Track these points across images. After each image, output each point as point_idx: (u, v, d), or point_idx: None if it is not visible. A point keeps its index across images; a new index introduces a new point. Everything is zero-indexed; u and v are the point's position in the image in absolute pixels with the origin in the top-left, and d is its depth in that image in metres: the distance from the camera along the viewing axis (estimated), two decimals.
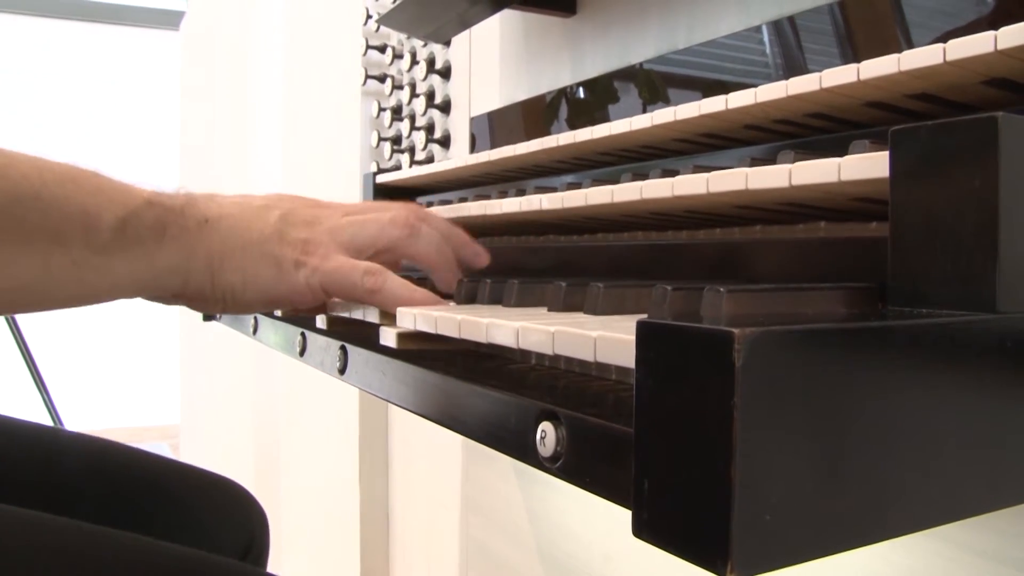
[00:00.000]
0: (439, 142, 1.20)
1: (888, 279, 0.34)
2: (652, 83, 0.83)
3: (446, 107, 1.20)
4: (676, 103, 0.62)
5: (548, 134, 0.82)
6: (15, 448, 0.88)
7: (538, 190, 0.70)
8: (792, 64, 0.67)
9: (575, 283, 0.47)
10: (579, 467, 0.32)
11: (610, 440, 0.30)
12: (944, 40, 0.42)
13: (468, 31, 1.10)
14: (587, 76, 0.92)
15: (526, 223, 0.71)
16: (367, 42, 1.33)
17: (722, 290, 0.33)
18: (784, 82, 0.51)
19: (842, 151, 0.42)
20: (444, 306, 0.53)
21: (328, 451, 1.74)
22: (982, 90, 0.46)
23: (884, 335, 0.28)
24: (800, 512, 0.26)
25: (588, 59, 0.93)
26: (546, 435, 0.33)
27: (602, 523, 0.98)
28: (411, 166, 1.23)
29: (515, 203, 0.65)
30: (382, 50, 1.31)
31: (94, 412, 3.87)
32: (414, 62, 1.25)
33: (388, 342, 0.50)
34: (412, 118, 1.26)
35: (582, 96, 0.93)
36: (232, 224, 0.52)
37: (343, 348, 0.55)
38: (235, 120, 2.42)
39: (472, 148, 1.13)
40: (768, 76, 0.69)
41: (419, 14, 1.00)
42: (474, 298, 0.55)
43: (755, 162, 0.48)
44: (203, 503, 0.93)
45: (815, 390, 0.26)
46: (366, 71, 1.33)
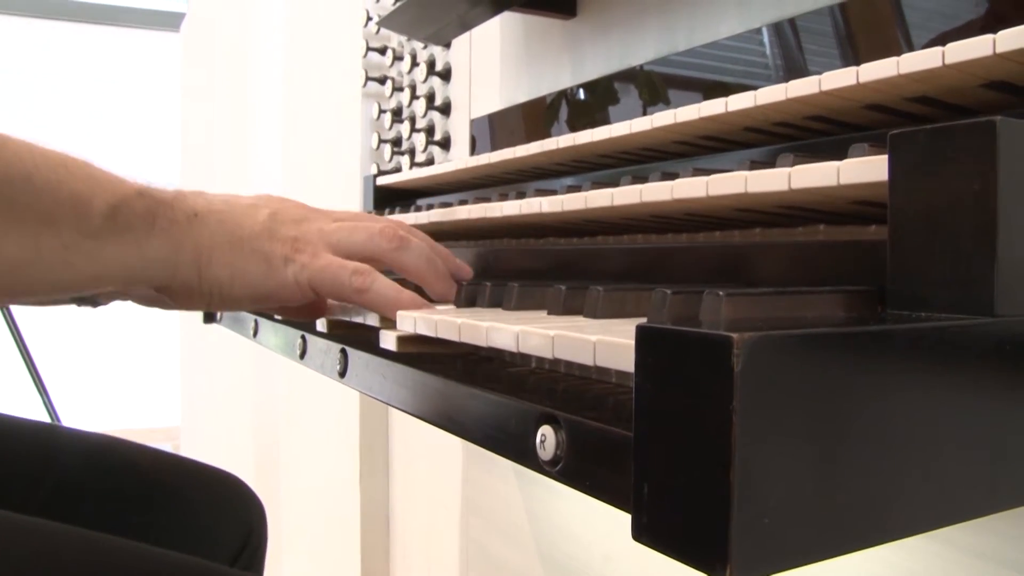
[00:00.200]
0: (439, 144, 1.21)
1: (887, 282, 0.34)
2: (652, 85, 0.83)
3: (446, 109, 1.21)
4: (676, 105, 0.62)
5: (548, 136, 0.82)
6: (14, 444, 0.89)
7: (538, 192, 0.70)
8: (792, 66, 0.68)
9: (575, 287, 0.47)
10: (579, 471, 0.32)
11: (610, 444, 0.30)
12: (944, 43, 0.42)
13: (468, 33, 1.10)
14: (587, 78, 0.92)
15: (526, 226, 0.71)
16: (367, 44, 1.33)
17: (721, 294, 0.33)
18: (783, 85, 0.52)
19: (842, 154, 0.42)
20: (444, 309, 0.53)
21: (328, 453, 1.74)
22: (981, 93, 0.46)
23: (883, 339, 0.28)
24: (799, 515, 0.26)
25: (588, 61, 0.93)
26: (546, 439, 0.33)
27: (602, 524, 0.98)
28: (411, 168, 1.23)
29: (515, 206, 0.65)
30: (382, 52, 1.31)
31: (95, 414, 3.87)
32: (414, 64, 1.25)
33: (388, 345, 0.50)
34: (412, 120, 1.26)
35: (582, 98, 0.93)
36: (221, 219, 0.52)
37: (343, 351, 0.56)
38: (235, 122, 2.42)
39: (472, 150, 1.13)
40: (768, 78, 0.69)
41: (420, 16, 1.00)
42: (474, 301, 0.56)
43: (755, 165, 0.48)
44: (201, 496, 0.93)
45: (814, 394, 0.26)
46: (366, 73, 1.34)
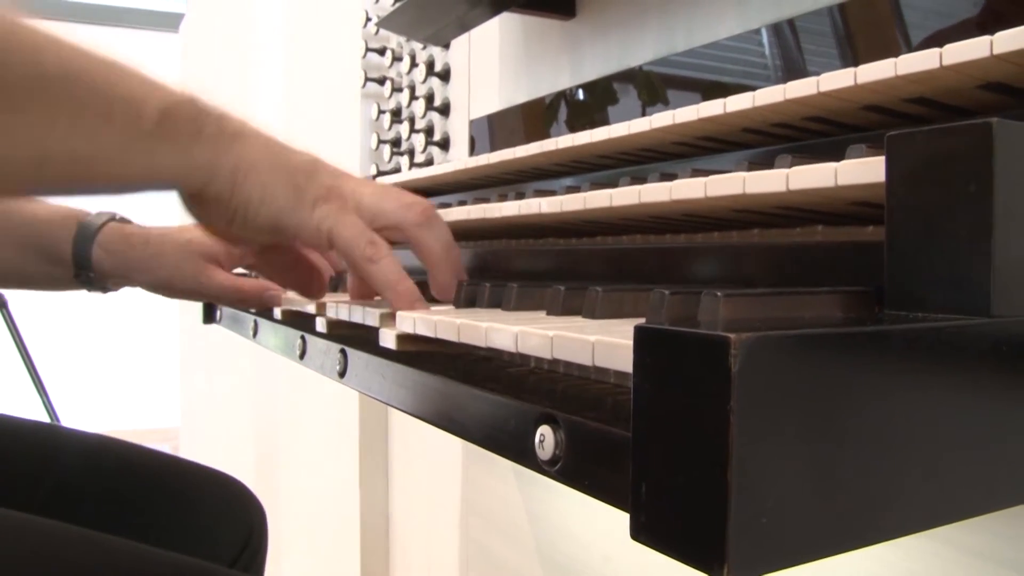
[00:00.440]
0: (438, 144, 1.21)
1: (884, 283, 0.34)
2: (651, 86, 0.83)
3: (445, 109, 1.21)
4: (675, 106, 0.62)
5: (547, 137, 0.82)
6: (15, 444, 0.89)
7: (537, 193, 0.71)
8: (791, 67, 0.68)
9: (574, 287, 0.47)
10: (578, 470, 0.32)
11: (608, 444, 0.30)
12: (943, 43, 0.43)
13: (468, 34, 1.10)
14: (586, 79, 0.92)
15: (525, 226, 0.72)
16: (367, 44, 1.33)
17: (719, 294, 0.33)
18: (782, 86, 0.52)
19: (839, 155, 0.42)
20: (443, 310, 0.53)
21: (328, 454, 1.74)
22: (979, 94, 0.46)
23: (879, 339, 0.28)
24: (796, 515, 0.26)
25: (587, 62, 0.93)
26: (545, 439, 0.33)
27: (601, 524, 0.98)
28: (410, 168, 1.23)
29: (514, 207, 0.65)
30: (381, 52, 1.32)
31: (94, 415, 3.87)
32: (413, 64, 1.25)
33: (387, 343, 0.51)
34: (411, 120, 1.26)
35: (581, 99, 0.94)
36: (267, 144, 0.53)
37: (343, 351, 0.56)
38: None
39: (471, 151, 1.13)
40: (767, 79, 0.69)
41: (419, 17, 1.00)
42: (474, 301, 0.56)
43: (753, 166, 0.49)
44: (201, 498, 0.93)
45: (811, 394, 0.26)
46: (365, 73, 1.34)
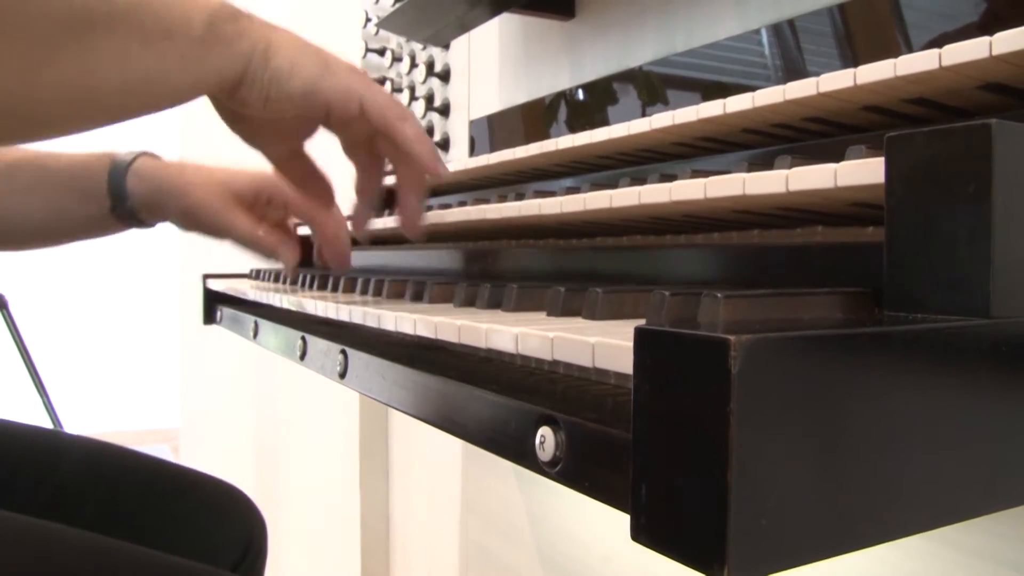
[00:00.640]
0: (439, 145, 1.21)
1: (884, 284, 0.35)
2: (651, 86, 0.83)
3: (445, 110, 1.21)
4: (675, 106, 0.62)
5: (547, 137, 0.82)
6: (16, 450, 0.89)
7: (537, 194, 0.71)
8: (791, 67, 0.68)
9: (574, 288, 0.47)
10: (578, 472, 0.32)
11: (608, 445, 0.30)
12: (943, 44, 0.43)
13: (467, 34, 1.10)
14: (586, 79, 0.92)
15: (525, 227, 0.72)
16: (366, 45, 1.33)
17: (719, 296, 0.34)
18: (781, 87, 0.52)
19: (839, 155, 0.42)
20: (443, 309, 0.53)
21: (328, 453, 1.74)
22: (978, 95, 0.46)
23: (879, 340, 0.28)
24: (797, 516, 0.26)
25: (587, 62, 0.93)
26: (545, 440, 0.33)
27: (601, 525, 0.98)
28: None
29: (514, 207, 0.65)
30: (381, 53, 1.32)
31: (95, 415, 3.87)
32: (413, 65, 1.25)
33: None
34: None
35: (581, 99, 0.94)
36: (290, 33, 0.60)
37: (343, 352, 0.56)
38: None
39: (471, 151, 1.13)
40: (767, 79, 0.69)
41: (418, 18, 1.00)
42: (473, 302, 0.56)
43: (753, 167, 0.49)
44: (202, 506, 0.93)
45: (811, 395, 0.26)
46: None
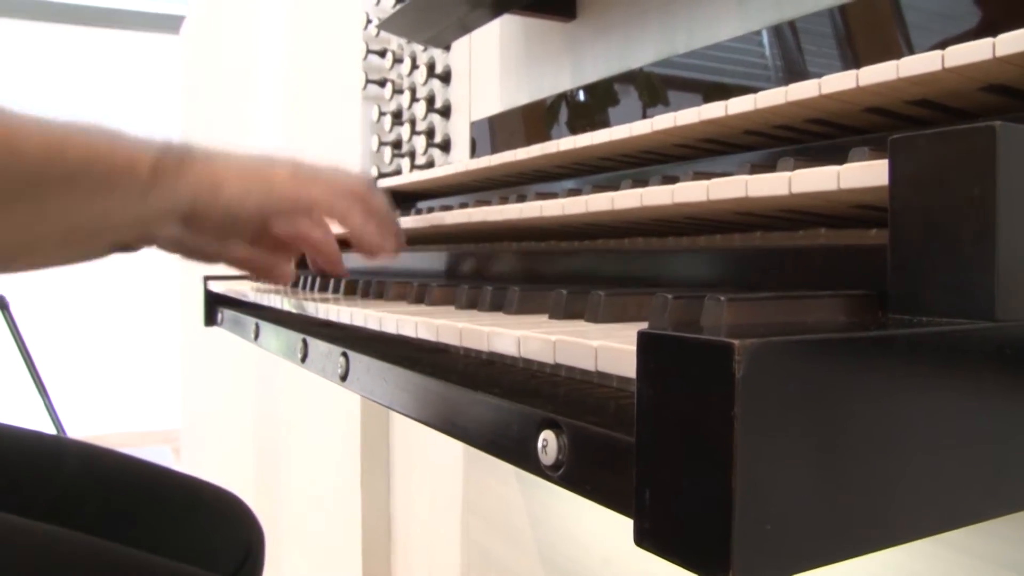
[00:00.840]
0: (440, 146, 1.21)
1: (888, 287, 0.34)
2: (652, 87, 0.83)
3: (446, 111, 1.21)
4: (676, 107, 0.62)
5: (549, 138, 0.82)
6: (17, 455, 0.89)
7: (539, 195, 0.70)
8: (792, 68, 0.68)
9: (576, 290, 0.47)
10: (580, 475, 0.32)
11: (611, 449, 0.30)
12: (945, 45, 0.42)
13: (468, 36, 1.10)
14: (587, 80, 0.92)
15: (526, 229, 0.71)
16: (367, 46, 1.33)
17: (722, 299, 0.33)
18: (783, 88, 0.52)
19: (842, 157, 0.42)
20: (445, 311, 0.53)
21: (329, 455, 1.74)
22: (981, 96, 0.46)
23: (883, 343, 0.28)
24: (801, 521, 0.26)
25: (588, 63, 0.93)
26: (548, 443, 0.33)
27: (602, 527, 0.98)
28: (412, 170, 1.23)
29: (515, 209, 0.65)
30: (382, 54, 1.31)
31: (96, 417, 3.87)
32: (414, 66, 1.25)
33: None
34: (412, 122, 1.26)
35: (582, 100, 0.93)
36: (231, 156, 0.62)
37: (345, 355, 0.56)
38: (236, 124, 2.42)
39: (473, 152, 1.13)
40: (768, 80, 0.69)
41: (419, 19, 1.00)
42: (475, 304, 0.56)
43: (755, 168, 0.48)
44: (201, 513, 0.94)
45: (815, 399, 0.26)
46: (366, 75, 1.34)
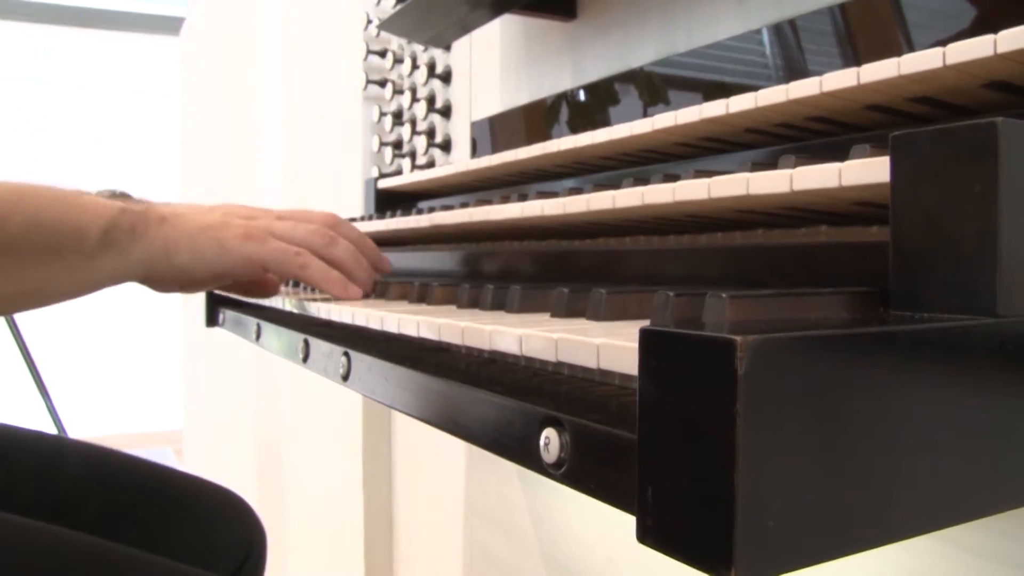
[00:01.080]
0: (440, 146, 1.21)
1: (889, 283, 0.34)
2: (653, 86, 0.83)
3: (447, 111, 1.21)
4: (677, 106, 0.62)
5: (549, 138, 0.82)
6: (19, 456, 0.89)
7: (540, 194, 0.71)
8: (793, 67, 0.68)
9: (578, 289, 0.47)
10: (583, 473, 0.32)
11: (614, 446, 0.30)
12: (946, 43, 0.42)
13: (469, 36, 1.10)
14: (588, 80, 0.92)
15: (528, 228, 0.72)
16: (368, 47, 1.33)
17: (724, 296, 0.33)
18: (784, 86, 0.52)
19: (843, 155, 0.42)
20: (447, 311, 0.53)
21: (331, 455, 1.74)
22: (982, 93, 0.46)
23: (885, 340, 0.28)
24: (804, 517, 0.26)
25: (588, 63, 0.93)
26: (550, 441, 0.33)
27: (605, 525, 0.98)
28: (412, 171, 1.23)
29: (517, 208, 0.65)
30: (383, 55, 1.32)
31: (98, 418, 3.87)
32: (415, 67, 1.25)
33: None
34: (413, 122, 1.26)
35: (583, 100, 0.93)
36: (184, 219, 0.64)
37: (346, 354, 0.56)
38: (236, 125, 2.42)
39: (473, 152, 1.13)
40: (769, 78, 0.69)
41: (420, 19, 1.00)
42: (477, 303, 0.56)
43: (756, 166, 0.48)
44: (203, 513, 0.94)
45: (817, 395, 0.26)
46: (367, 76, 1.34)
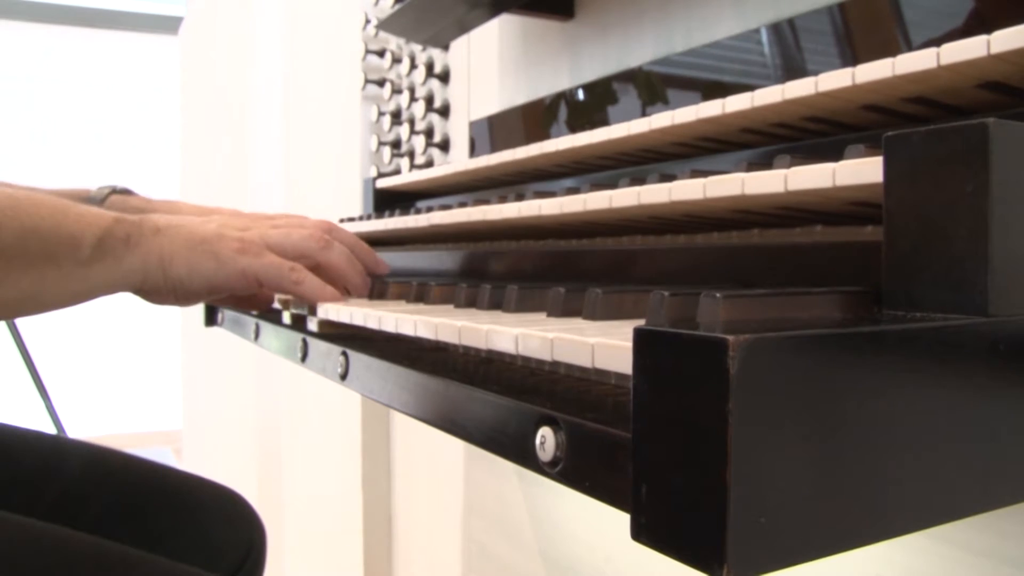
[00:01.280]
0: (438, 146, 1.21)
1: (883, 283, 0.35)
2: (650, 86, 0.83)
3: (445, 111, 1.21)
4: (675, 105, 0.62)
5: (547, 138, 0.82)
6: (19, 455, 0.89)
7: (537, 194, 0.71)
8: (791, 66, 0.68)
9: (574, 288, 0.47)
10: (578, 472, 0.32)
11: (608, 445, 0.30)
12: (944, 42, 0.43)
13: (467, 35, 1.10)
14: (585, 80, 0.92)
15: (525, 227, 0.72)
16: (366, 46, 1.33)
17: (718, 295, 0.34)
18: (780, 86, 0.52)
19: (839, 154, 0.43)
20: (444, 311, 0.53)
21: (331, 454, 1.74)
22: (977, 93, 0.46)
23: (877, 339, 0.28)
24: (795, 515, 0.26)
25: (586, 63, 0.93)
26: (545, 440, 0.33)
27: (603, 524, 0.98)
28: (411, 170, 1.23)
29: (514, 208, 0.65)
30: (381, 54, 1.32)
31: (97, 418, 3.88)
32: (413, 66, 1.25)
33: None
34: (411, 122, 1.26)
35: (581, 99, 0.94)
36: (179, 231, 0.64)
37: (344, 354, 0.56)
38: (235, 125, 2.42)
39: (471, 152, 1.13)
40: (768, 78, 0.69)
41: (418, 19, 1.00)
42: (474, 303, 0.56)
43: (752, 166, 0.49)
44: (203, 512, 0.94)
45: (809, 394, 0.26)
46: (365, 75, 1.34)
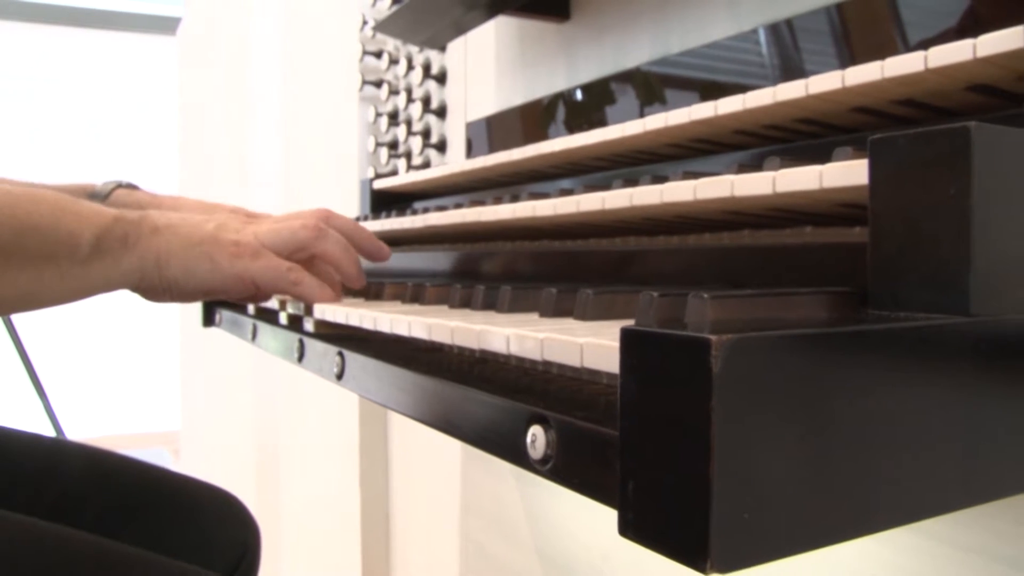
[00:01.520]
0: (435, 147, 1.21)
1: (868, 283, 0.35)
2: (647, 87, 0.84)
3: (442, 112, 1.21)
4: (671, 106, 0.63)
5: (544, 139, 0.83)
6: (18, 458, 0.90)
7: (531, 196, 0.71)
8: (788, 67, 0.68)
9: (565, 289, 0.48)
10: (568, 469, 0.33)
11: (597, 443, 0.31)
12: (941, 43, 0.43)
13: (464, 37, 1.10)
14: (582, 81, 0.93)
15: (519, 229, 0.72)
16: (364, 48, 1.34)
17: (706, 296, 0.34)
18: (771, 88, 0.52)
19: (829, 156, 0.43)
20: (438, 311, 0.54)
21: (328, 454, 1.75)
22: (965, 96, 0.46)
23: (859, 339, 0.29)
24: (778, 510, 0.26)
25: (582, 64, 0.94)
26: (536, 438, 0.34)
27: (599, 523, 0.98)
28: (408, 171, 1.23)
29: (508, 209, 0.66)
30: (378, 56, 1.32)
31: (95, 419, 3.88)
32: (410, 67, 1.26)
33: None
34: (409, 123, 1.27)
35: (577, 100, 0.94)
36: (176, 231, 0.65)
37: (340, 354, 0.56)
38: (233, 125, 2.43)
39: (468, 153, 1.14)
40: (764, 78, 0.70)
41: (415, 20, 1.01)
42: (468, 303, 0.56)
43: (743, 168, 0.49)
44: (198, 513, 0.95)
45: (792, 392, 0.27)
46: (363, 76, 1.34)
